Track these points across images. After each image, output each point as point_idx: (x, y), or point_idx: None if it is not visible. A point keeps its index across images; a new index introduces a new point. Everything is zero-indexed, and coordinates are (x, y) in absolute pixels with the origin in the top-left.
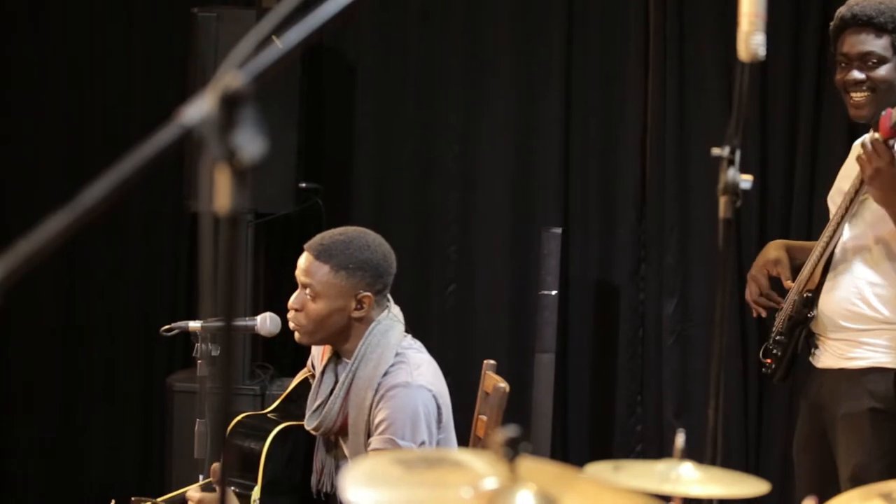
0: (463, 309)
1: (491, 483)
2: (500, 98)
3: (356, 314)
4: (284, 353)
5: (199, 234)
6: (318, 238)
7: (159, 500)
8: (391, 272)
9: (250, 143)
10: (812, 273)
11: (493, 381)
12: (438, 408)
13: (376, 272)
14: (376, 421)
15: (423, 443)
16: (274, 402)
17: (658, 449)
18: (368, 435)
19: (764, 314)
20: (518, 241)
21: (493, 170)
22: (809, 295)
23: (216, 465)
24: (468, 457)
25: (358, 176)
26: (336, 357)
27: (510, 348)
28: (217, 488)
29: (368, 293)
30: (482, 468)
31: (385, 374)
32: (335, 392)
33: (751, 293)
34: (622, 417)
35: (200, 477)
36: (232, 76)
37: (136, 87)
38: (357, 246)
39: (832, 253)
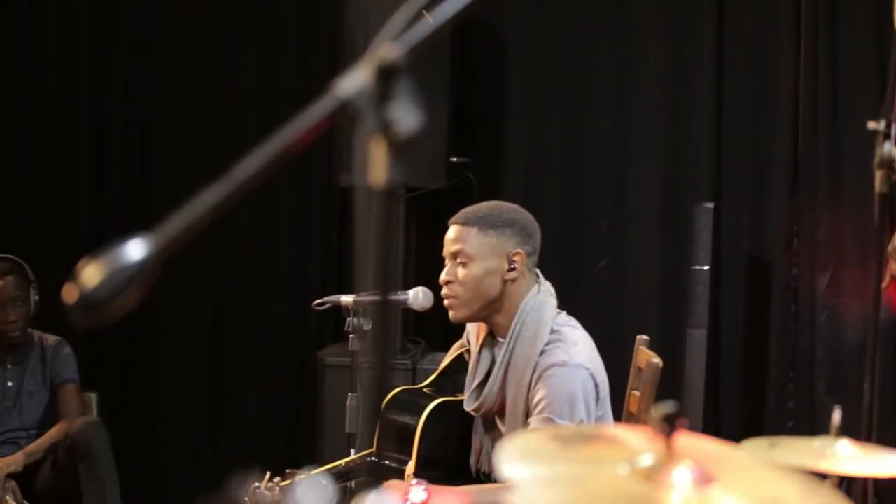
0: (615, 284)
1: (647, 459)
2: (651, 72)
3: (509, 275)
4: (436, 328)
5: (351, 208)
6: (461, 211)
7: (314, 471)
8: (537, 237)
9: (406, 116)
10: None
11: (646, 357)
12: (596, 385)
13: (524, 231)
14: (535, 401)
15: (581, 422)
16: (425, 376)
17: (810, 425)
18: (527, 415)
19: None
20: (670, 216)
21: (646, 144)
22: None
23: None
24: (624, 433)
25: (509, 150)
26: (491, 336)
27: (662, 323)
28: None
29: (519, 251)
30: (639, 444)
31: (542, 352)
32: (493, 373)
33: None
34: (774, 393)
35: (352, 451)
36: (388, 48)
37: (286, 60)
38: (501, 209)
39: None
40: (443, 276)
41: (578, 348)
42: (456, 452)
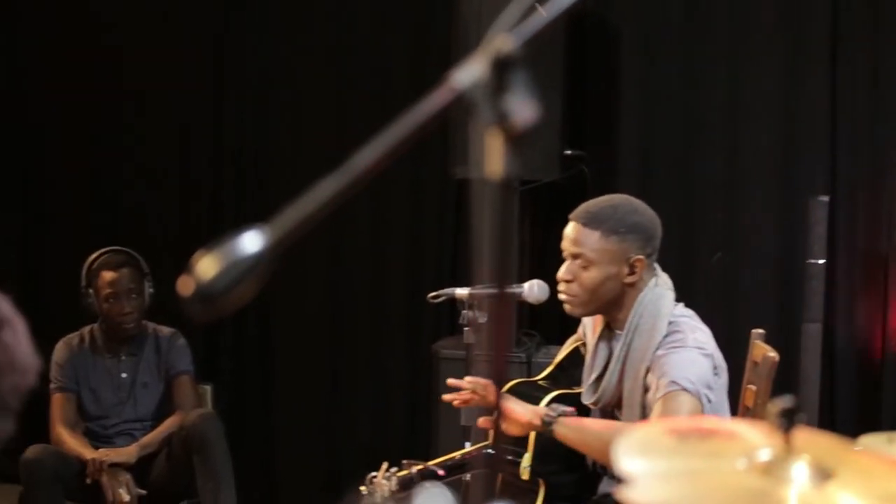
0: (729, 278)
1: (765, 454)
2: (766, 63)
3: (629, 279)
4: (550, 321)
5: (466, 200)
6: (583, 206)
7: (430, 463)
8: (659, 235)
9: (523, 108)
10: None
11: (761, 351)
12: (715, 368)
13: (646, 235)
14: (656, 377)
15: (705, 396)
16: (540, 369)
17: None
18: (643, 407)
19: None
20: (785, 209)
21: (760, 136)
22: None
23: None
24: (742, 427)
25: (622, 142)
26: (608, 329)
27: (777, 317)
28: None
29: (640, 256)
30: (756, 439)
31: (659, 345)
32: (611, 366)
33: None
34: (891, 388)
35: (467, 444)
36: (503, 40)
37: (400, 52)
38: (625, 210)
39: None
40: (561, 274)
41: (697, 335)
42: None
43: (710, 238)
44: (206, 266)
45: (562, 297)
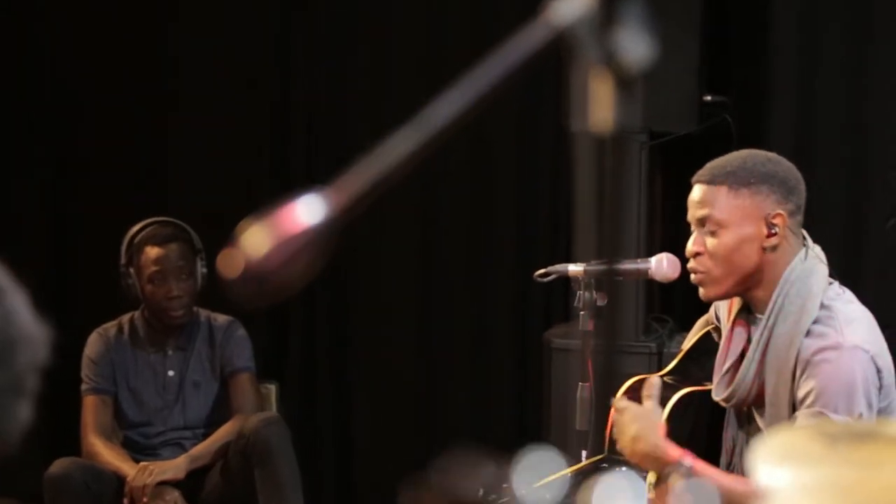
0: None
1: None
2: None
3: (769, 242)
4: (686, 304)
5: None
6: (706, 166)
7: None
8: (801, 190)
9: (636, 45)
10: None
11: None
12: (878, 371)
13: (785, 186)
14: (802, 392)
15: (860, 416)
16: (672, 361)
17: None
18: (792, 406)
19: None
20: None
21: None
22: None
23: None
24: None
25: (774, 87)
26: (746, 311)
27: None
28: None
29: (780, 212)
30: None
31: (808, 332)
32: (748, 355)
33: None
34: None
35: (584, 454)
36: None
37: None
38: (754, 160)
39: None
40: (689, 247)
41: (854, 327)
42: (705, 452)
43: (881, 200)
44: (256, 239)
45: (693, 277)
